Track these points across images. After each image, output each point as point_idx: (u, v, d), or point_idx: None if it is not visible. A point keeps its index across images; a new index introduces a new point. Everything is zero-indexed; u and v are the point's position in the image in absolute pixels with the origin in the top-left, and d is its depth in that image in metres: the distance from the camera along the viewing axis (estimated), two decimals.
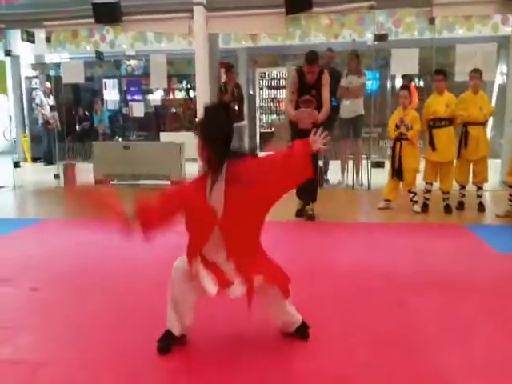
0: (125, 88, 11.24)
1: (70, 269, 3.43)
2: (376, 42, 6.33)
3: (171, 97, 11.33)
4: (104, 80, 11.29)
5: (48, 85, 9.80)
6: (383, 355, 2.13)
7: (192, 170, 6.77)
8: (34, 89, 10.32)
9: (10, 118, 11.17)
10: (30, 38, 7.18)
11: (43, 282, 3.14)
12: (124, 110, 11.21)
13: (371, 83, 9.76)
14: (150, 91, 10.99)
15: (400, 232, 4.44)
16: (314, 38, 7.29)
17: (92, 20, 6.46)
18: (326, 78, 4.68)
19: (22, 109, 11.00)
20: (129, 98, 11.12)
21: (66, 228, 4.78)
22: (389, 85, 9.69)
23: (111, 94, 11.44)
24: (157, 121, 11.30)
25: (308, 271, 3.25)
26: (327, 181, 6.99)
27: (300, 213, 5.05)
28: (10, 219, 5.33)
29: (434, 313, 2.61)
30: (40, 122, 9.92)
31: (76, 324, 2.53)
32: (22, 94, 10.88)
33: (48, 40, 6.99)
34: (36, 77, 10.61)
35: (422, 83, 9.20)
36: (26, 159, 10.81)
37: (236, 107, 7.02)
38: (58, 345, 2.32)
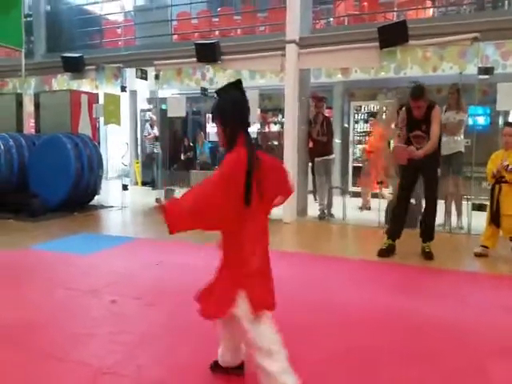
0: None
1: (149, 285, 3.67)
2: (480, 76, 5.85)
3: (267, 129, 11.70)
4: (207, 114, 12.10)
5: (154, 117, 10.84)
6: None
7: None
8: (147, 120, 11.47)
9: (128, 145, 12.63)
10: (143, 76, 8.04)
11: (122, 296, 3.40)
12: None
13: (482, 119, 9.03)
14: None
15: (495, 285, 3.94)
16: (411, 71, 6.99)
17: (194, 59, 7.03)
18: (436, 113, 4.54)
19: (136, 138, 12.27)
20: None
21: (155, 247, 5.15)
22: (500, 121, 8.85)
23: (213, 127, 12.19)
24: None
25: (373, 317, 3.03)
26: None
27: (384, 252, 4.79)
28: (111, 236, 5.94)
29: None
30: (147, 151, 10.98)
31: (142, 338, 2.67)
32: (137, 125, 12.17)
33: (156, 77, 7.76)
34: (149, 110, 11.80)
35: None
36: (137, 183, 11.99)
37: (324, 140, 6.98)
38: (121, 356, 2.45)
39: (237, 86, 2.00)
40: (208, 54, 6.93)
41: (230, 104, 1.97)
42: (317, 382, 2.19)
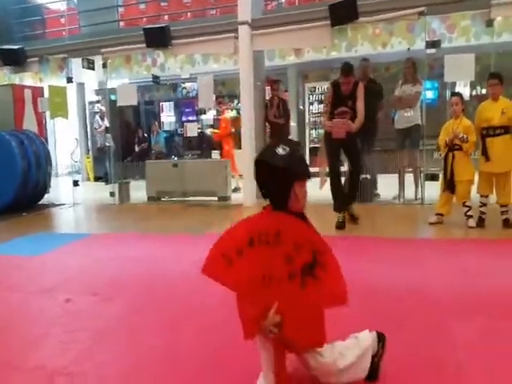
0: (180, 109, 11.67)
1: (104, 281, 3.50)
2: (428, 50, 5.97)
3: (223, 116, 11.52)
4: (161, 103, 11.79)
5: (103, 109, 10.40)
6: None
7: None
8: (96, 112, 11.01)
9: (77, 140, 12.08)
10: (90, 66, 7.66)
11: (77, 294, 3.21)
12: (179, 131, 11.61)
13: (430, 93, 9.29)
14: (203, 111, 11.27)
15: (451, 248, 4.05)
16: (362, 48, 7.04)
17: (143, 45, 6.75)
18: (360, 89, 4.75)
19: (86, 132, 11.76)
20: (184, 118, 11.50)
21: (109, 242, 4.95)
22: (448, 94, 9.15)
23: (168, 116, 11.92)
24: (210, 140, 11.52)
25: None
26: (377, 195, 6.67)
27: (342, 225, 4.94)
28: (63, 234, 5.65)
29: (478, 340, 2.28)
30: (98, 145, 10.56)
31: (99, 335, 2.53)
32: (86, 118, 11.66)
33: (104, 66, 7.41)
34: (98, 101, 11.33)
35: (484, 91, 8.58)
36: (89, 179, 11.52)
37: (282, 122, 6.96)
38: (78, 354, 2.30)
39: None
40: (157, 38, 6.67)
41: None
42: None
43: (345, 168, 5.65)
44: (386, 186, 6.77)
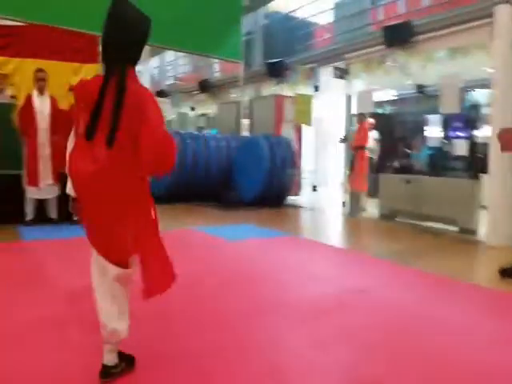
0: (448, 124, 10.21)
1: (248, 272, 3.46)
2: None
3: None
4: (426, 116, 10.68)
5: (371, 120, 10.14)
6: None
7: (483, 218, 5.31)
8: None
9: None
10: (340, 74, 7.69)
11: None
12: (445, 148, 10.17)
13: None
14: (477, 126, 9.47)
15: None
16: None
17: (383, 46, 6.23)
18: None
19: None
20: (451, 134, 10.00)
21: (294, 245, 4.85)
22: None
23: (433, 131, 10.66)
24: (481, 160, 9.58)
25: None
26: None
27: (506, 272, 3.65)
28: (265, 229, 5.76)
29: None
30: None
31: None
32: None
33: (344, 74, 7.24)
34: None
35: None
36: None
37: None
38: None
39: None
40: (398, 36, 6.00)
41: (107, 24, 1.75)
42: None
43: None
44: None
